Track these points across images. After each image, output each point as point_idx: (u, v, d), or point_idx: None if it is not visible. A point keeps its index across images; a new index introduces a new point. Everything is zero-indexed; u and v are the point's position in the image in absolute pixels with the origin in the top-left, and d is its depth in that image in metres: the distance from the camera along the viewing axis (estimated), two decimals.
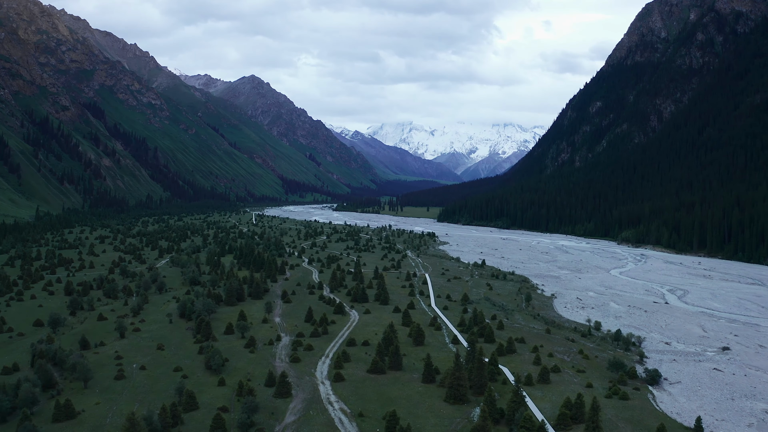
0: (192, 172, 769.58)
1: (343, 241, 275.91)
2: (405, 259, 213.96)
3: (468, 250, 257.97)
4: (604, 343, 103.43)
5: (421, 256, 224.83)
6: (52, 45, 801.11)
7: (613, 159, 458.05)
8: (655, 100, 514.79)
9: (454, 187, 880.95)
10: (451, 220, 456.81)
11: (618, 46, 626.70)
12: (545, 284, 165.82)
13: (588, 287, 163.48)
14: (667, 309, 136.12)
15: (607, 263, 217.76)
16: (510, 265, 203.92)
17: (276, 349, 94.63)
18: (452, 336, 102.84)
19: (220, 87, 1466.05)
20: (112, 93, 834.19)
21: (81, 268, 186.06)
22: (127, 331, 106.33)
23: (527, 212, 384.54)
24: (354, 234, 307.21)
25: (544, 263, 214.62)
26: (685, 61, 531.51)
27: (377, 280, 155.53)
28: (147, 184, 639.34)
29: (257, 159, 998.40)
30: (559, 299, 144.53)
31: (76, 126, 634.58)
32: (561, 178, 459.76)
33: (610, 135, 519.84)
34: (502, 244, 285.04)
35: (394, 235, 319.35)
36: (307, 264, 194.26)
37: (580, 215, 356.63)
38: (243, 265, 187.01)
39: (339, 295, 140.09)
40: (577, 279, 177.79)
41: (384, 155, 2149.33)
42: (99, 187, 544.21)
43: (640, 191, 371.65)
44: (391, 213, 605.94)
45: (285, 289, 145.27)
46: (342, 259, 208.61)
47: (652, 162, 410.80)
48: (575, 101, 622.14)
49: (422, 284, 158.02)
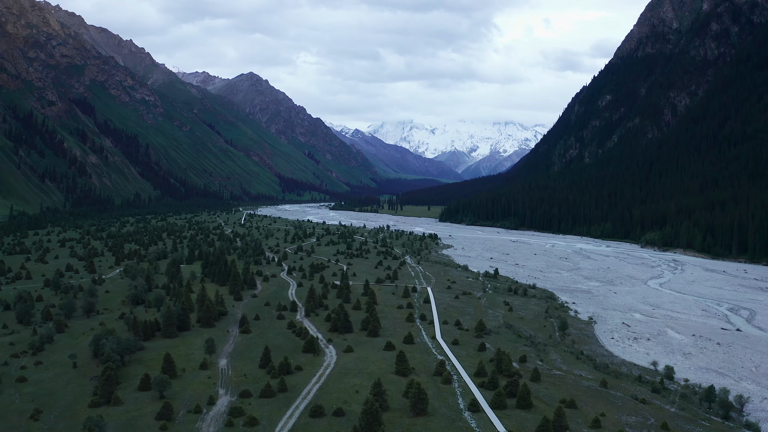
0: (185, 169, 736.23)
1: (335, 244, 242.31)
2: (403, 267, 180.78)
3: (475, 255, 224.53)
4: (688, 404, 70.28)
5: (422, 263, 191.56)
6: (42, 39, 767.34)
7: (627, 154, 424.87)
8: (669, 93, 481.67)
9: (456, 186, 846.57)
10: (454, 220, 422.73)
11: (627, 37, 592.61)
12: (576, 302, 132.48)
13: (630, 306, 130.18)
14: (743, 339, 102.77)
15: (640, 272, 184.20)
16: (527, 275, 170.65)
17: (202, 424, 61.34)
18: (468, 396, 69.33)
19: (219, 84, 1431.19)
20: (104, 89, 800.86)
21: (16, 279, 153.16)
22: (4, 383, 73.52)
23: (537, 211, 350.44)
24: (348, 236, 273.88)
25: (566, 272, 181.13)
26: (699, 52, 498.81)
27: (367, 297, 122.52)
28: (136, 182, 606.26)
29: (254, 157, 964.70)
30: (601, 325, 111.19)
31: (63, 122, 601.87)
32: (571, 174, 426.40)
33: (622, 129, 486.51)
34: (513, 248, 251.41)
35: (392, 237, 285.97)
36: (285, 274, 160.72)
37: (595, 215, 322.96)
38: (208, 275, 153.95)
39: (315, 320, 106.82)
40: (612, 294, 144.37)
41: (384, 154, 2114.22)
42: (83, 185, 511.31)
43: (658, 188, 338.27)
44: (390, 212, 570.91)
45: (248, 311, 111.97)
46: (329, 267, 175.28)
47: (670, 157, 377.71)
48: (583, 95, 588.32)
49: (423, 302, 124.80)
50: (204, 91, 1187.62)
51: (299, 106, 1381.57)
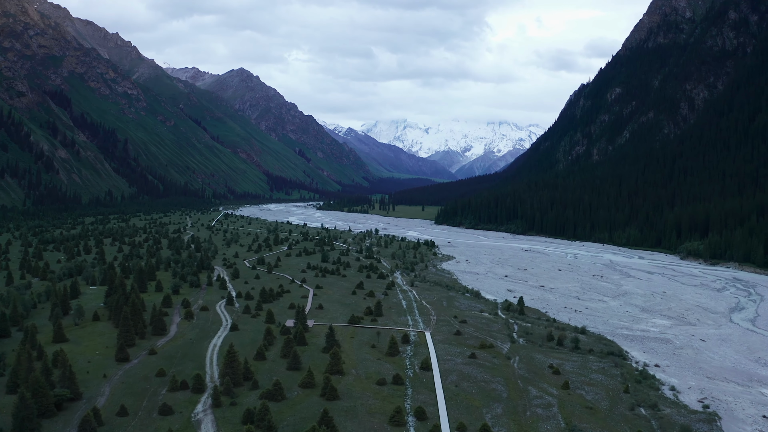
0: (166, 166, 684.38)
1: (308, 254, 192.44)
2: (392, 291, 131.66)
3: (484, 270, 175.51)
4: None
5: (417, 284, 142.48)
6: (18, 29, 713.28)
7: (643, 151, 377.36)
8: (685, 86, 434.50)
9: (451, 185, 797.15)
10: (452, 222, 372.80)
11: (637, 27, 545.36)
12: (660, 363, 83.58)
13: (744, 369, 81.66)
14: None
15: (709, 299, 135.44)
16: (562, 305, 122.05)
17: None
18: None
19: (208, 80, 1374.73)
20: (83, 81, 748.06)
21: None
22: None
23: (548, 214, 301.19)
24: (327, 243, 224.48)
25: (612, 299, 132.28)
26: (717, 42, 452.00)
27: (332, 356, 73.73)
28: (110, 179, 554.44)
29: (241, 153, 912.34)
30: (729, 423, 62.35)
31: (33, 114, 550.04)
32: (581, 173, 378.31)
33: (634, 124, 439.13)
34: (528, 260, 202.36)
35: (380, 243, 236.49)
36: (223, 306, 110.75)
37: (616, 218, 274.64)
38: (110, 307, 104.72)
39: (225, 422, 57.63)
40: (700, 343, 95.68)
41: (378, 153, 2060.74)
42: (49, 181, 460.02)
43: (686, 189, 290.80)
44: (381, 213, 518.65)
45: (116, 393, 62.58)
46: (290, 292, 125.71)
47: (694, 154, 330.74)
48: (589, 89, 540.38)
49: (421, 368, 75.73)
50: (191, 86, 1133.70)
51: (290, 103, 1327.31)
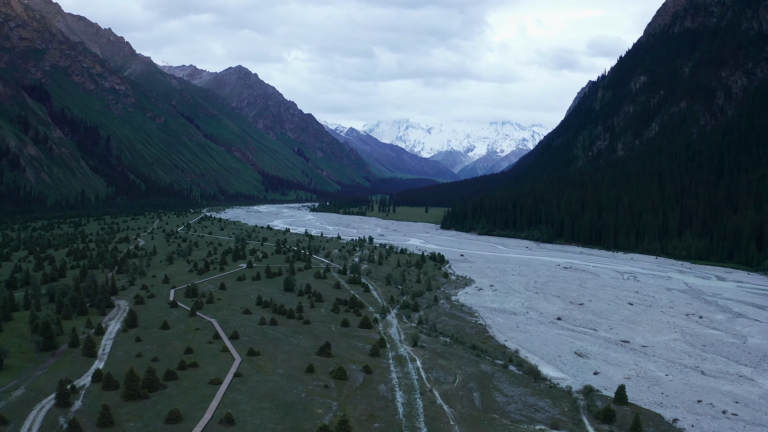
0: (152, 165, 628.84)
1: (270, 277, 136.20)
2: (380, 359, 76.08)
3: (522, 305, 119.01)
4: None
5: (424, 339, 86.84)
6: None
7: (680, 145, 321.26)
8: (720, 73, 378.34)
9: (455, 185, 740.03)
10: (462, 227, 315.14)
11: (660, 11, 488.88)
12: None
13: None
14: None
15: None
16: (682, 386, 66.26)
17: None
18: None
19: (206, 78, 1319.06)
20: (66, 75, 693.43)
21: None
22: None
23: (579, 218, 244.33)
24: (304, 257, 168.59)
25: (748, 368, 76.22)
26: (753, 25, 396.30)
27: None
28: (85, 178, 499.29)
29: (236, 152, 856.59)
30: None
31: (3, 108, 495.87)
32: (609, 169, 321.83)
33: (664, 116, 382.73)
34: (576, 285, 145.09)
35: (372, 258, 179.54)
36: (41, 418, 55.41)
37: (670, 225, 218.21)
38: None
39: None
40: None
41: (380, 153, 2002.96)
42: (12, 180, 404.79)
43: (743, 187, 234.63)
44: (380, 215, 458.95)
45: None
46: (197, 366, 69.89)
47: (743, 148, 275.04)
48: (608, 79, 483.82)
49: None
50: (185, 83, 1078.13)
51: (289, 101, 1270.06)
